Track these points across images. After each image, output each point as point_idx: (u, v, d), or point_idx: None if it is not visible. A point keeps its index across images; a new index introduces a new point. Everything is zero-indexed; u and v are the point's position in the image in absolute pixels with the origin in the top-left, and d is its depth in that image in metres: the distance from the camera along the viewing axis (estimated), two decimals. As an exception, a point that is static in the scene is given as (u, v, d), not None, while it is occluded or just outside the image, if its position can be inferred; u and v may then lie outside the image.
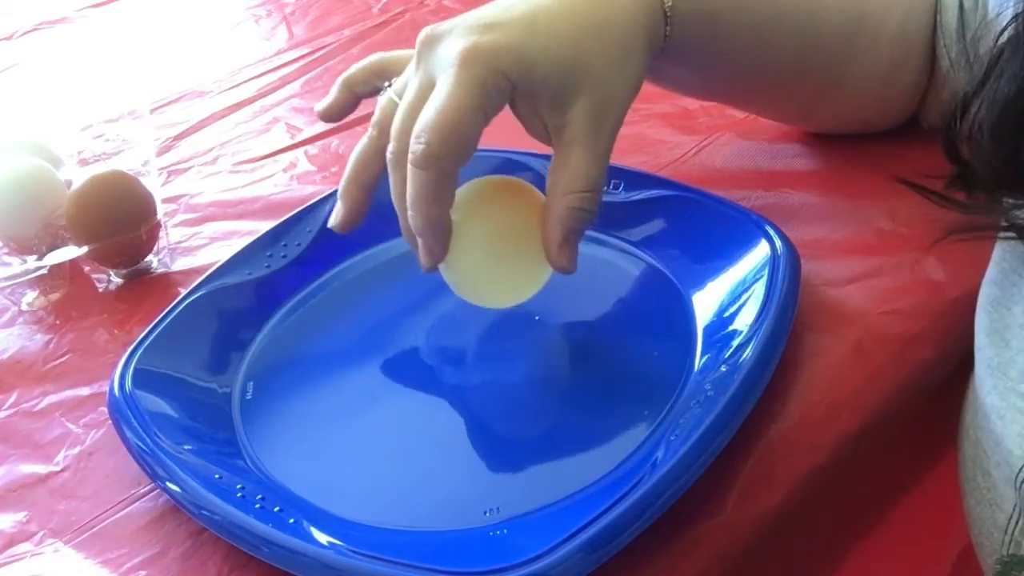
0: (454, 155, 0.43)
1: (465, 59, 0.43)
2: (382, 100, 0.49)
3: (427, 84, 0.45)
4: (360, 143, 0.49)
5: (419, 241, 0.46)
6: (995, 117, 0.38)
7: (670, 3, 0.47)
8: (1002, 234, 0.40)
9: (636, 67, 0.46)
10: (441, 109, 0.42)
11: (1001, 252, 0.43)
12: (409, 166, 0.43)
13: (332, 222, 0.50)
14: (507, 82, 0.44)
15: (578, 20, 0.45)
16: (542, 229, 0.46)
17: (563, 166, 0.45)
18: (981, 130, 0.39)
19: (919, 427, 0.51)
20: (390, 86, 0.50)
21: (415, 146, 0.43)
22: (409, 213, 0.44)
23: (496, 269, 0.49)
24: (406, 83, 0.47)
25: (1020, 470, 0.38)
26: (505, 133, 0.49)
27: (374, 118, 0.49)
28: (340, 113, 0.56)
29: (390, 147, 0.46)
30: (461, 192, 0.48)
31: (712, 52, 0.52)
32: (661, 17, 0.47)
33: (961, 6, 0.52)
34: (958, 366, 0.47)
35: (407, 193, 0.44)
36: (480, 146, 0.45)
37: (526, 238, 0.48)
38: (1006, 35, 0.39)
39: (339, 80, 0.56)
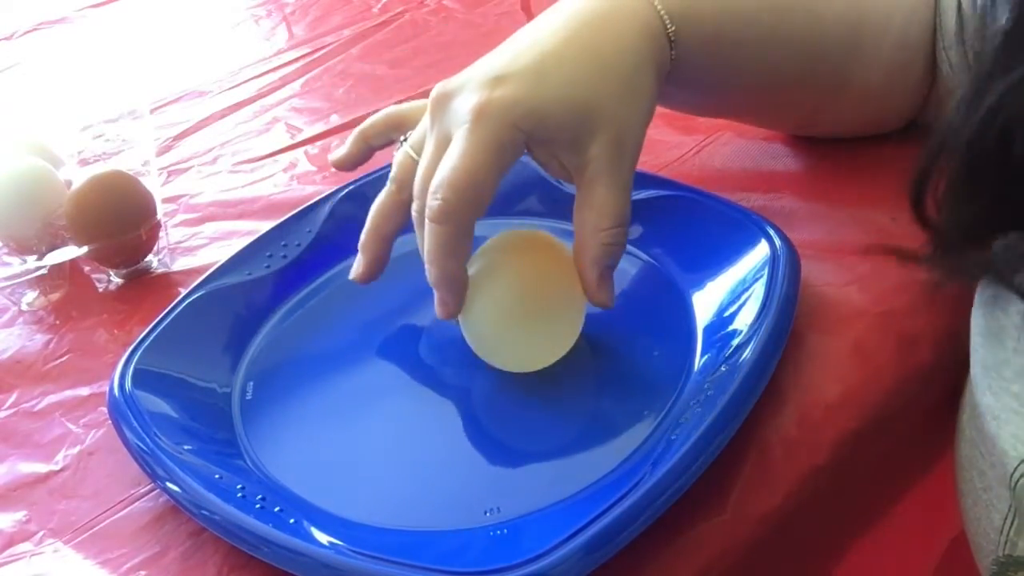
0: (470, 210, 0.44)
1: (478, 115, 0.43)
2: (399, 156, 0.50)
3: (443, 141, 0.45)
4: (379, 197, 0.50)
5: (435, 293, 0.47)
6: (959, 173, 0.38)
7: (672, 28, 0.48)
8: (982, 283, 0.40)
9: (646, 97, 0.47)
10: (456, 166, 0.43)
11: None
12: (427, 221, 0.44)
13: (353, 275, 0.51)
14: (521, 134, 0.44)
15: (586, 61, 0.45)
16: (578, 267, 0.46)
17: (589, 205, 0.45)
18: (952, 193, 0.39)
19: (918, 427, 0.51)
20: (405, 140, 0.50)
21: (432, 202, 0.43)
22: (427, 267, 0.46)
23: (515, 331, 0.48)
24: (422, 138, 0.48)
25: (1015, 471, 0.38)
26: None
27: (392, 173, 0.50)
28: (354, 164, 0.57)
29: (414, 206, 0.46)
30: (484, 247, 0.48)
31: (716, 71, 0.52)
32: (666, 43, 0.48)
33: (959, 8, 0.52)
34: (957, 366, 0.47)
35: (425, 247, 0.45)
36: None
37: (549, 300, 0.48)
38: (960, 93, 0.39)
39: (355, 132, 0.57)
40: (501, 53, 0.46)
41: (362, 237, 0.51)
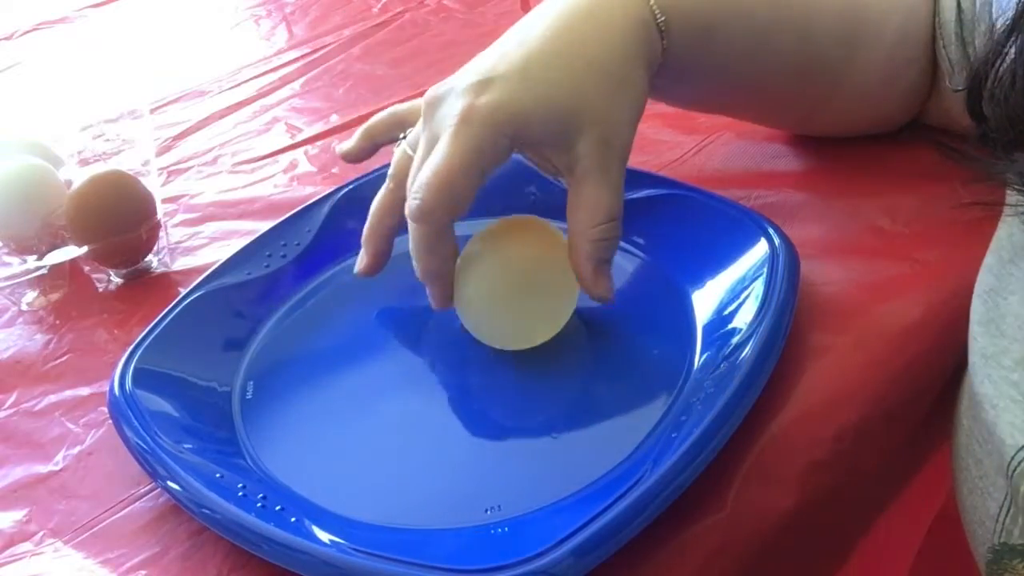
0: (445, 211, 0.45)
1: (461, 121, 0.44)
2: (397, 153, 0.51)
3: (432, 143, 0.46)
4: (379, 194, 0.52)
5: (426, 286, 0.49)
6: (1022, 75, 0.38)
7: (663, 19, 0.48)
8: (1012, 199, 0.39)
9: (636, 91, 0.47)
10: (435, 169, 0.44)
11: (998, 241, 0.43)
12: (408, 219, 0.46)
13: (358, 269, 0.53)
14: (505, 139, 0.45)
15: (572, 59, 0.46)
16: (573, 265, 0.47)
17: (579, 204, 0.46)
18: (1011, 84, 0.39)
19: (919, 424, 0.51)
20: (405, 137, 0.52)
21: (411, 201, 0.45)
22: (413, 263, 0.48)
23: (508, 309, 0.49)
24: (418, 137, 0.49)
25: (1011, 459, 0.38)
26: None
27: (390, 170, 0.51)
28: (359, 158, 0.60)
29: (407, 204, 0.47)
30: (481, 232, 0.50)
31: (709, 64, 0.52)
32: (656, 34, 0.48)
33: (959, 6, 0.52)
34: (957, 361, 0.47)
35: (410, 244, 0.47)
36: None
37: (540, 278, 0.49)
38: None
39: (361, 128, 0.59)
40: (489, 55, 0.47)
41: (364, 232, 0.52)
